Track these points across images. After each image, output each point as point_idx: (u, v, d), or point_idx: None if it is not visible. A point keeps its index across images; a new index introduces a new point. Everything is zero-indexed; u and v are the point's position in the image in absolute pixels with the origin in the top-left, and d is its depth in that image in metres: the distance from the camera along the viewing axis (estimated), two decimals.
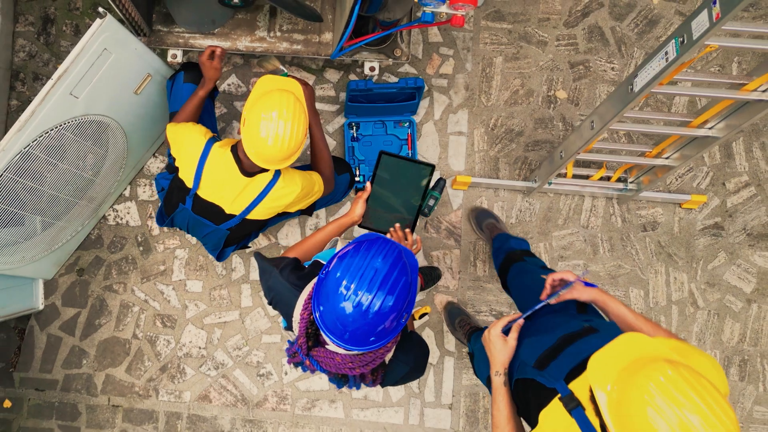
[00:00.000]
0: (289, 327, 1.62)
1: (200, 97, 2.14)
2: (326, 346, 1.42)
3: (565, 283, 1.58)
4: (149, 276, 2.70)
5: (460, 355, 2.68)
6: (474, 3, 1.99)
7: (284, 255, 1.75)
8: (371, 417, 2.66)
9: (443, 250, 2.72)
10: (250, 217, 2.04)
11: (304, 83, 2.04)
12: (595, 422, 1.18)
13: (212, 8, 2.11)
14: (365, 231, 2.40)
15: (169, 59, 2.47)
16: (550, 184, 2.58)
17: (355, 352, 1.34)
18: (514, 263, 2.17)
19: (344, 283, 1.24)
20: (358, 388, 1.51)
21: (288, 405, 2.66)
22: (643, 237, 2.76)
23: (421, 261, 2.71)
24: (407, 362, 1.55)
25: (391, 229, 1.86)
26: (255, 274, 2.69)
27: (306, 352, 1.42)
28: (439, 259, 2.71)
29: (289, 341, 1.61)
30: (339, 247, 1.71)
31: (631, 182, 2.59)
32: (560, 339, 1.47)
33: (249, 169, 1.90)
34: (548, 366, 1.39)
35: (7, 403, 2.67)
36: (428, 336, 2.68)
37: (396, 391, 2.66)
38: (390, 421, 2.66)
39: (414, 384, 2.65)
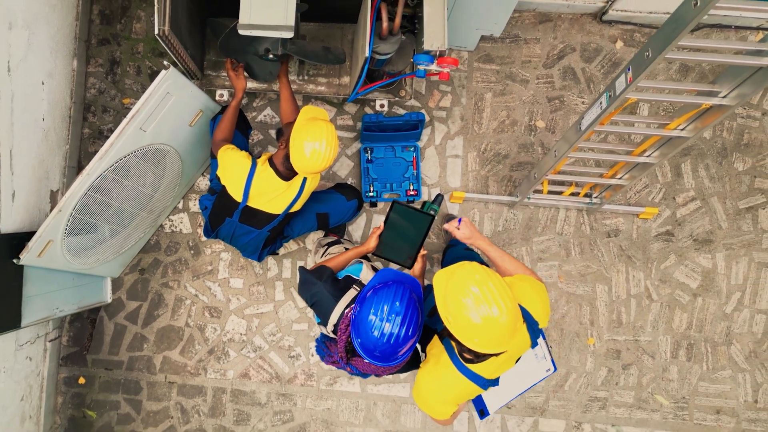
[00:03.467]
0: (321, 323, 1.83)
1: (233, 107, 2.34)
2: (364, 360, 1.68)
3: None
4: (199, 274, 2.86)
5: None
6: (455, 63, 2.20)
7: (321, 265, 1.95)
8: (383, 391, 2.83)
9: (441, 254, 2.90)
10: (291, 210, 2.25)
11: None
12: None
13: (270, 64, 2.44)
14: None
15: (217, 98, 2.66)
16: (529, 198, 2.76)
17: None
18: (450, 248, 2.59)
19: (375, 322, 1.52)
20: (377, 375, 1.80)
21: (314, 381, 2.83)
22: (608, 242, 2.92)
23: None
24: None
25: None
26: (287, 273, 2.86)
27: (346, 361, 1.71)
28: (439, 262, 2.90)
29: (318, 340, 1.86)
30: (364, 267, 1.91)
31: (595, 197, 2.78)
32: None
33: (286, 175, 2.14)
34: (435, 314, 1.68)
35: (82, 380, 2.83)
36: None
37: None
38: (398, 394, 2.84)
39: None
